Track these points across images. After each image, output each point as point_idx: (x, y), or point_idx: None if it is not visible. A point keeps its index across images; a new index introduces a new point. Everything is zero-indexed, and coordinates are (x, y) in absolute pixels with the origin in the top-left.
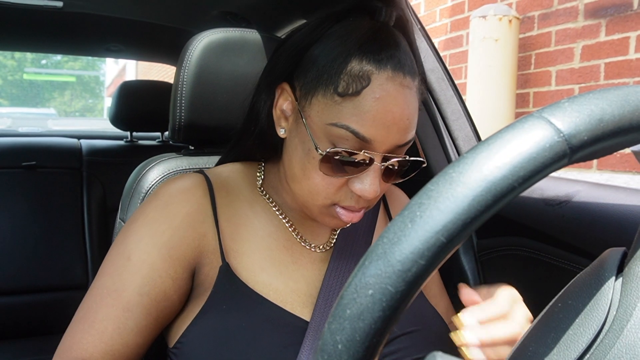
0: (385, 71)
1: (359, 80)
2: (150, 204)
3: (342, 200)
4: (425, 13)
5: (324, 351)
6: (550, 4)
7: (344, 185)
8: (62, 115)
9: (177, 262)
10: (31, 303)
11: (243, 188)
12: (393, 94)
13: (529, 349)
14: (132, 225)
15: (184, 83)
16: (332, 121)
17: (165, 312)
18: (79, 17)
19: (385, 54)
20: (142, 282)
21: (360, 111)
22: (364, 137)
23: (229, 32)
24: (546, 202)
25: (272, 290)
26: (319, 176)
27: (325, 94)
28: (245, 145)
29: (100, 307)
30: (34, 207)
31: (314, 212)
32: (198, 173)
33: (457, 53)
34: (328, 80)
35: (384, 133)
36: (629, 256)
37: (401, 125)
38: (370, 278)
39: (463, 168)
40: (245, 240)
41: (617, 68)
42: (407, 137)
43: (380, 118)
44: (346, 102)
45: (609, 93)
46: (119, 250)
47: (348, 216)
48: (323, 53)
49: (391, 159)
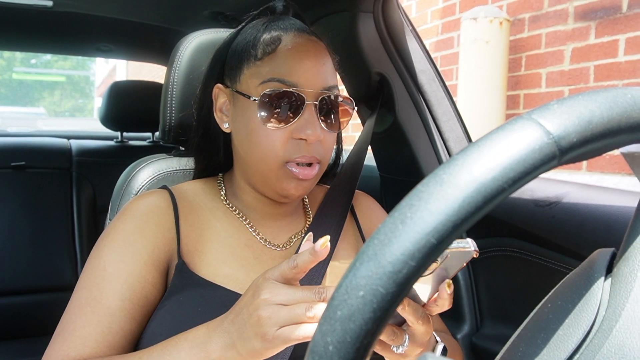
0: (292, 32)
1: (272, 43)
2: (119, 219)
3: (291, 154)
4: (416, 15)
5: (315, 352)
6: (541, 7)
7: (289, 138)
8: (52, 115)
9: (152, 268)
10: (19, 304)
11: (204, 198)
12: (303, 43)
13: (519, 349)
14: (104, 240)
15: (174, 83)
16: (260, 80)
17: (149, 315)
18: (69, 16)
19: (288, 23)
20: (122, 287)
21: (280, 63)
22: (290, 82)
23: (220, 32)
24: (536, 203)
25: (233, 280)
26: (264, 133)
27: (249, 66)
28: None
29: (80, 316)
30: (23, 208)
31: (273, 181)
32: (162, 189)
33: (448, 55)
34: (248, 55)
35: (306, 75)
36: (618, 257)
37: (320, 69)
38: (361, 279)
39: (453, 169)
40: (208, 241)
41: (607, 70)
42: (329, 80)
43: (298, 63)
44: (266, 62)
45: (598, 95)
46: (93, 265)
47: (302, 172)
48: (240, 41)
49: (321, 96)
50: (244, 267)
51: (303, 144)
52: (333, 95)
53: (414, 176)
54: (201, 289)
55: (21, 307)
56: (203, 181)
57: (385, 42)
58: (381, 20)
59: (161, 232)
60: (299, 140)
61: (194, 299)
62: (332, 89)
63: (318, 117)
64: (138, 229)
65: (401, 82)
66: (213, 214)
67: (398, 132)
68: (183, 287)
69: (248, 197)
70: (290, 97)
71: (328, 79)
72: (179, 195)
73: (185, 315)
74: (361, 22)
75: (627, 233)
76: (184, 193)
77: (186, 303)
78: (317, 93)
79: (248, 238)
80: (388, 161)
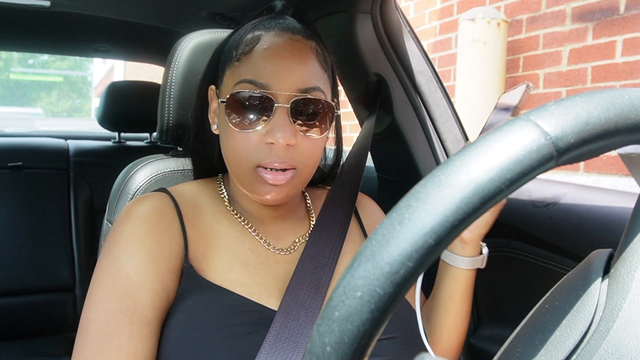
0: (273, 31)
1: (250, 43)
2: (128, 224)
3: (262, 158)
4: (414, 15)
5: (313, 353)
6: (539, 8)
7: (260, 142)
8: (49, 116)
9: (172, 274)
10: (17, 305)
11: (204, 201)
12: (281, 44)
13: (517, 350)
14: (117, 246)
15: (172, 84)
16: (235, 82)
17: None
18: (66, 16)
19: (274, 22)
20: (152, 295)
21: (254, 64)
22: (260, 83)
23: (218, 33)
24: (534, 204)
25: (240, 284)
26: (236, 136)
27: (229, 67)
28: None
29: (120, 329)
30: (20, 209)
31: (247, 186)
32: (161, 192)
33: (446, 55)
34: (230, 56)
35: (278, 76)
36: (615, 257)
37: (295, 69)
38: (359, 280)
39: (451, 170)
40: (213, 247)
41: (604, 71)
42: (306, 81)
43: (271, 64)
44: (242, 62)
45: (595, 96)
46: (113, 272)
47: (273, 178)
48: (230, 42)
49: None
50: (250, 272)
51: (274, 148)
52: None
53: (412, 177)
54: (210, 293)
55: (18, 307)
56: (202, 182)
57: (383, 43)
58: (379, 21)
59: (172, 237)
60: (270, 145)
61: (203, 304)
62: (311, 91)
63: (290, 121)
64: (152, 234)
65: (399, 83)
66: (215, 218)
67: (396, 133)
68: (191, 291)
69: (245, 201)
70: (260, 99)
71: (306, 80)
72: (180, 199)
73: (194, 320)
74: (359, 23)
75: (625, 234)
76: (184, 196)
77: (195, 308)
78: (289, 95)
79: (252, 242)
80: (386, 162)
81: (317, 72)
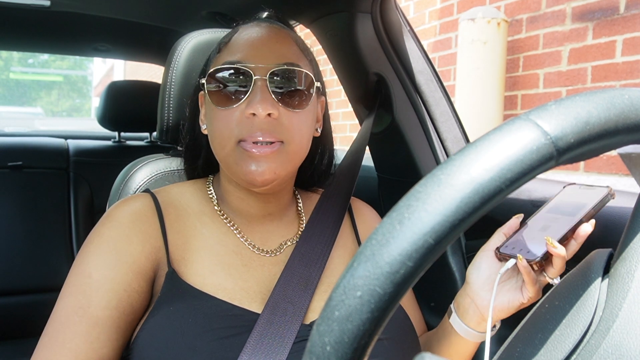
0: (252, 23)
1: (231, 34)
2: (104, 226)
3: (244, 132)
4: (414, 15)
5: (313, 353)
6: (539, 7)
7: (242, 117)
8: (49, 115)
9: (139, 276)
10: (16, 305)
11: (191, 202)
12: (257, 29)
13: (517, 350)
14: (89, 246)
15: (172, 83)
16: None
17: (133, 324)
18: (66, 16)
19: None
20: (108, 296)
21: (232, 50)
22: (237, 61)
23: (217, 32)
24: (534, 204)
25: (221, 289)
26: (218, 116)
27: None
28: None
29: (68, 326)
30: (20, 208)
31: (233, 167)
32: (145, 193)
33: (446, 55)
34: (214, 53)
35: (254, 52)
36: (615, 257)
37: (273, 47)
38: (359, 280)
39: (451, 170)
40: (195, 249)
41: (604, 71)
42: (284, 56)
43: (248, 45)
44: (222, 52)
45: (595, 96)
46: (78, 271)
47: (258, 150)
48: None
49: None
50: (232, 276)
51: (256, 120)
52: (280, 65)
53: (412, 177)
54: (191, 299)
55: (18, 307)
56: (192, 183)
57: (383, 42)
58: (379, 21)
59: (147, 240)
60: (252, 117)
61: (184, 310)
62: (289, 66)
63: (270, 92)
64: (124, 236)
65: (399, 83)
66: (200, 219)
67: (396, 132)
68: (173, 296)
69: (234, 199)
70: (237, 74)
71: (283, 55)
72: (164, 200)
73: (175, 326)
74: (359, 22)
75: (624, 234)
76: (170, 198)
77: (176, 314)
78: (266, 68)
79: (236, 244)
80: (386, 161)
81: (296, 52)
